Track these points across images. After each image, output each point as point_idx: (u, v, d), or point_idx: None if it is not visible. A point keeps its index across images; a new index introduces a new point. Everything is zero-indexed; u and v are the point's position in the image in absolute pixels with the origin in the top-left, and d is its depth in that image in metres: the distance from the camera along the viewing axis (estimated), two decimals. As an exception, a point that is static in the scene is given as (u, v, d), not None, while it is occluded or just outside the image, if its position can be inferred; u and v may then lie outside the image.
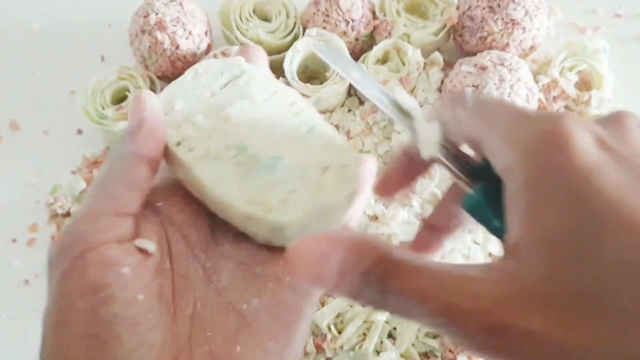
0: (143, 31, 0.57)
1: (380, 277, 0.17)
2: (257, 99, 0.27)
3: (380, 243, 0.18)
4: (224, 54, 0.55)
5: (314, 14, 0.60)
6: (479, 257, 0.51)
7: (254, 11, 0.61)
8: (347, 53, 0.58)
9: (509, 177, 0.18)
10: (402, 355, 0.48)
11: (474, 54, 0.58)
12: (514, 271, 0.16)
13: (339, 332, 0.48)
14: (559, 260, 0.15)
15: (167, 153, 0.25)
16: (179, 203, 0.25)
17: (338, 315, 0.48)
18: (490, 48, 0.58)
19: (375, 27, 0.61)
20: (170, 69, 0.59)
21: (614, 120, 0.19)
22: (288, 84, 0.58)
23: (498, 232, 0.21)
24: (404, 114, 0.25)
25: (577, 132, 0.17)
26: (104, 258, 0.20)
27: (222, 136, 0.26)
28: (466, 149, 0.23)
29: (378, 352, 0.48)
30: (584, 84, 0.58)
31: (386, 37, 0.60)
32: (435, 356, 0.47)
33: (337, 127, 0.59)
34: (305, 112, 0.27)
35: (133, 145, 0.23)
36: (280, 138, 0.26)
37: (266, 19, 0.62)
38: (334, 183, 0.25)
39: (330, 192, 0.25)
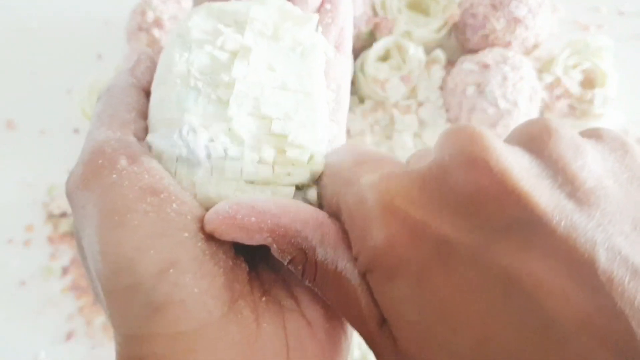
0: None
1: (301, 273, 0.19)
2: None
3: (307, 234, 0.19)
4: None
5: (314, 11, 0.59)
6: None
7: (253, 8, 0.60)
8: None
9: None
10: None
11: (476, 51, 0.58)
12: None
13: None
14: None
15: None
16: None
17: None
18: (493, 46, 0.57)
19: (376, 25, 0.60)
20: (168, 67, 0.58)
21: None
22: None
23: None
24: None
25: None
26: (154, 166, 0.20)
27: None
28: None
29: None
30: (588, 82, 0.58)
31: (387, 35, 0.59)
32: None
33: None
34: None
35: (132, 79, 0.24)
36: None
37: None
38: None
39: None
